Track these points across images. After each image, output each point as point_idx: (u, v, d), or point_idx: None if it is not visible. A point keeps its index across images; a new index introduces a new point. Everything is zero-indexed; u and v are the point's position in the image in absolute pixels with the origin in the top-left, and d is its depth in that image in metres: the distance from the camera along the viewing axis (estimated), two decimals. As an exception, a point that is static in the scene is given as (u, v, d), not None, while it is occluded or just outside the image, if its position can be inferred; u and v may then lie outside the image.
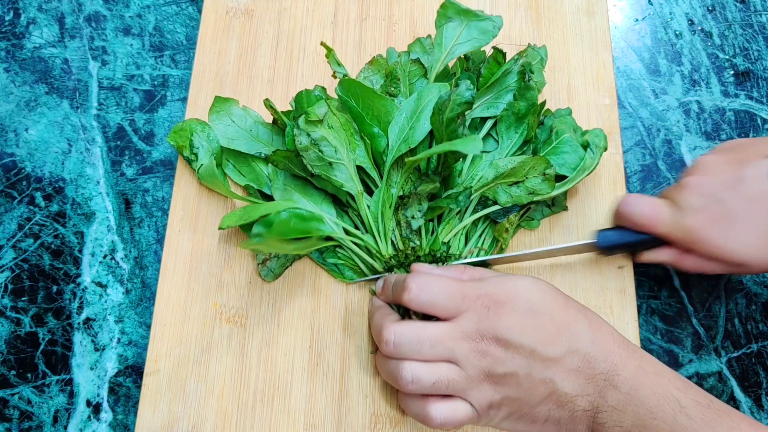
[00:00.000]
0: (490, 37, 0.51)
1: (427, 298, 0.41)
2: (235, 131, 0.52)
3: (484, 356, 0.39)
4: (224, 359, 0.49)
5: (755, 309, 0.52)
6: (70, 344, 0.51)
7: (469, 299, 0.40)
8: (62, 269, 0.53)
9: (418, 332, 0.40)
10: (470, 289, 0.41)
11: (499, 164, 0.48)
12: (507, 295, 0.40)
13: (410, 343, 0.40)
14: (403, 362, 0.41)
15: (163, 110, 0.58)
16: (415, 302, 0.41)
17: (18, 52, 0.59)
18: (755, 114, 0.58)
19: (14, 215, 0.54)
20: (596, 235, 0.48)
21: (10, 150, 0.56)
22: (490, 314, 0.40)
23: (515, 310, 0.40)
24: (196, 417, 0.48)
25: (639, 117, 0.58)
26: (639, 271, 0.53)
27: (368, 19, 0.59)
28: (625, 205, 0.47)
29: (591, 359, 0.39)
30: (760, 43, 0.60)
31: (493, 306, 0.40)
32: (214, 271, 0.51)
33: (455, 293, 0.41)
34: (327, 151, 0.47)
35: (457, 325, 0.40)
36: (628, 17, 0.62)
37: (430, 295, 0.41)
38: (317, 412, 0.48)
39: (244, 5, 0.60)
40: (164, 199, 0.55)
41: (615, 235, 0.48)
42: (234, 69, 0.57)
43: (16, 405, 0.49)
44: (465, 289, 0.41)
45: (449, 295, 0.41)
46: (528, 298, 0.40)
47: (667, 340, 0.51)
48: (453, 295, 0.41)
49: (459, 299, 0.40)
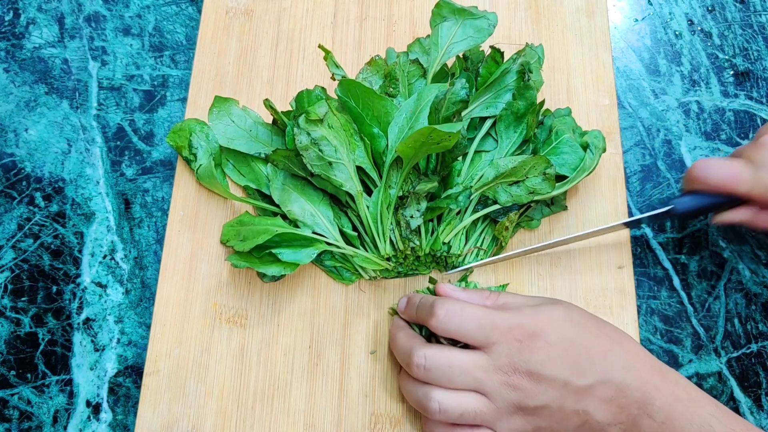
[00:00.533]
0: (486, 35, 0.51)
1: (455, 326, 0.40)
2: (234, 131, 0.52)
3: (515, 390, 0.39)
4: (224, 359, 0.49)
5: (755, 309, 0.52)
6: (70, 344, 0.51)
7: (500, 330, 0.40)
8: (62, 269, 0.53)
9: (448, 358, 0.40)
10: (500, 319, 0.40)
11: (499, 164, 0.49)
12: (540, 327, 0.40)
13: (440, 369, 0.40)
14: (432, 391, 0.40)
15: (163, 110, 0.58)
16: (443, 329, 0.41)
17: (18, 52, 0.59)
18: (755, 114, 0.58)
19: (14, 215, 0.54)
20: (672, 202, 0.47)
21: (10, 150, 0.56)
22: (523, 347, 0.39)
23: (548, 343, 0.39)
24: (196, 417, 0.48)
25: (639, 117, 0.58)
26: (638, 272, 0.53)
27: (368, 19, 0.59)
28: (701, 170, 0.46)
29: (624, 388, 0.38)
30: (760, 44, 0.60)
31: (526, 339, 0.39)
32: (214, 271, 0.51)
33: (485, 323, 0.40)
34: (327, 150, 0.47)
35: (489, 357, 0.40)
36: (628, 17, 0.62)
37: (458, 323, 0.40)
38: (317, 412, 0.48)
39: (243, 5, 0.60)
40: (164, 199, 0.55)
41: (692, 200, 0.47)
42: (234, 69, 0.57)
43: (15, 405, 0.49)
44: (495, 319, 0.40)
45: (479, 326, 0.40)
46: (561, 329, 0.40)
47: (667, 341, 0.51)
48: (483, 325, 0.40)
49: (489, 329, 0.40)
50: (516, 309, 0.41)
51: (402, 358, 0.43)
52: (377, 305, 0.50)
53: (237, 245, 0.47)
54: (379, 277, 0.51)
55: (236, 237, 0.48)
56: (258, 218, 0.50)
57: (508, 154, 0.51)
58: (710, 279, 0.53)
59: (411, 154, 0.46)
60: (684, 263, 0.53)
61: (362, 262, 0.49)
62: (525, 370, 0.39)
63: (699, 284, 0.53)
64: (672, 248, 0.54)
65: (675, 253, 0.54)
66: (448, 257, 0.50)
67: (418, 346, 0.41)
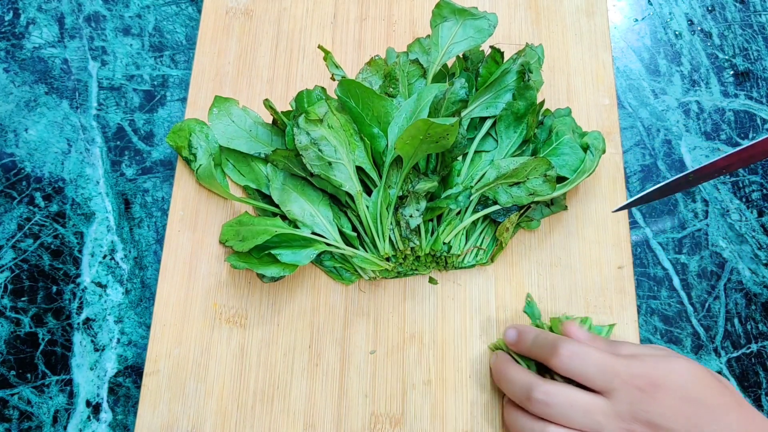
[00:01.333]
0: (486, 36, 0.51)
1: (578, 368, 0.41)
2: (234, 131, 0.52)
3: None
4: (224, 359, 0.49)
5: (755, 309, 0.52)
6: (70, 344, 0.51)
7: (622, 377, 0.40)
8: (62, 269, 0.53)
9: (570, 397, 0.40)
10: (623, 366, 0.40)
11: (501, 164, 0.49)
12: (662, 378, 0.40)
13: (561, 407, 0.40)
14: (549, 427, 0.40)
15: (163, 110, 0.58)
16: (565, 369, 0.41)
17: (18, 52, 0.59)
18: (755, 114, 0.58)
19: (14, 215, 0.54)
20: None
21: (10, 150, 0.56)
22: (644, 397, 0.39)
23: (670, 396, 0.39)
24: (196, 417, 0.48)
25: (639, 117, 0.58)
26: (638, 271, 0.53)
27: (368, 19, 0.59)
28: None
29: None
30: (760, 44, 0.60)
31: (649, 389, 0.39)
32: (214, 271, 0.51)
33: (608, 369, 0.40)
34: (327, 150, 0.47)
35: (611, 402, 0.40)
36: (628, 17, 0.62)
37: (581, 366, 0.41)
38: (317, 412, 0.48)
39: (243, 5, 0.60)
40: (164, 199, 0.55)
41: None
42: (233, 69, 0.57)
43: (15, 405, 0.49)
44: (617, 367, 0.40)
45: (601, 371, 0.40)
46: (684, 383, 0.40)
47: (667, 340, 0.51)
48: (605, 371, 0.40)
49: (611, 375, 0.40)
50: (638, 358, 0.42)
51: (518, 392, 0.43)
52: (377, 305, 0.50)
53: (236, 245, 0.47)
54: (378, 278, 0.51)
55: (235, 237, 0.48)
56: (257, 218, 0.50)
57: (508, 155, 0.51)
58: (710, 279, 0.53)
59: (410, 152, 0.46)
60: (684, 263, 0.53)
61: (362, 262, 0.49)
62: (645, 420, 0.39)
63: (699, 284, 0.53)
64: (672, 248, 0.54)
65: (675, 252, 0.54)
66: (448, 257, 0.50)
67: (540, 382, 0.42)
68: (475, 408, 0.48)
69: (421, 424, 0.47)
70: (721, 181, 0.56)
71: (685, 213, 0.55)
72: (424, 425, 0.47)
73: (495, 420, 0.48)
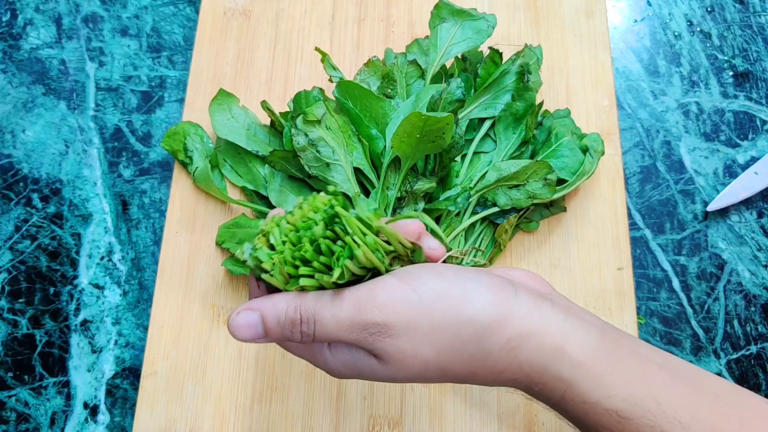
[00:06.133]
0: (485, 36, 0.51)
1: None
2: (233, 125, 0.52)
3: None
4: (222, 361, 0.49)
5: (754, 311, 0.52)
6: (67, 346, 0.51)
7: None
8: (59, 271, 0.53)
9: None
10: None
11: (501, 167, 0.48)
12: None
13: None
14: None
15: (161, 111, 0.57)
16: None
17: (15, 53, 0.59)
18: (754, 115, 0.58)
19: (11, 217, 0.54)
20: None
21: (7, 151, 0.56)
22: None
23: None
24: (194, 419, 0.47)
25: (638, 118, 0.57)
26: (638, 273, 0.53)
27: (366, 20, 0.59)
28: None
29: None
30: (759, 44, 0.60)
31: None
32: (212, 273, 0.51)
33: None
34: (324, 151, 0.47)
35: None
36: (627, 18, 0.61)
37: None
38: (315, 414, 0.48)
39: (241, 6, 0.60)
40: (161, 200, 0.55)
41: None
42: (231, 70, 0.57)
43: (13, 407, 0.49)
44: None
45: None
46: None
47: (666, 342, 0.51)
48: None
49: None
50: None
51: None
52: (375, 307, 0.50)
53: (233, 247, 0.47)
54: (377, 279, 0.50)
55: (232, 239, 0.48)
56: (254, 221, 0.50)
57: (506, 156, 0.51)
58: (710, 281, 0.53)
59: (407, 152, 0.46)
60: (683, 265, 0.53)
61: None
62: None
63: (698, 286, 0.53)
64: (671, 250, 0.54)
65: (674, 254, 0.53)
66: (447, 259, 0.50)
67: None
68: (473, 410, 0.48)
69: (420, 426, 0.47)
70: (720, 182, 0.55)
71: (684, 214, 0.55)
72: (422, 427, 0.47)
73: (494, 422, 0.47)
